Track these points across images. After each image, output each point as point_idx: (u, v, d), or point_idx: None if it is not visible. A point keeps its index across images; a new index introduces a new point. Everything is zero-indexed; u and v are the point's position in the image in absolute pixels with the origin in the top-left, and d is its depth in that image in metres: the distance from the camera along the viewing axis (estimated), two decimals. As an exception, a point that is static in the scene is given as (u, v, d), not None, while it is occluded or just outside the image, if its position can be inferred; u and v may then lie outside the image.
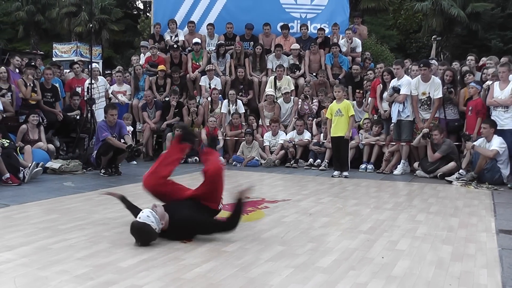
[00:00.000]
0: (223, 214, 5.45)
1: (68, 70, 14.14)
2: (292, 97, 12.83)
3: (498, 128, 9.51)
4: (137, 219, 4.77)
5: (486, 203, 7.44)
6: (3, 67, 10.73)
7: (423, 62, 10.70)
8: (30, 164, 8.78)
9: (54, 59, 25.21)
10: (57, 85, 12.06)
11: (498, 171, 9.15)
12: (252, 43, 14.47)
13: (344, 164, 10.10)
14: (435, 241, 5.09)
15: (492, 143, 9.26)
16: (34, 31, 38.11)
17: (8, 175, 8.30)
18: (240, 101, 12.92)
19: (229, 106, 12.67)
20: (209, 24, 14.70)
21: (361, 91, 12.40)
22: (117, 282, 3.71)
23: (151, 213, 4.77)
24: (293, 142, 11.76)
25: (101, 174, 9.67)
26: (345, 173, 9.99)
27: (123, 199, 5.62)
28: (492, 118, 9.70)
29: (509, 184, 9.03)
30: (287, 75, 13.45)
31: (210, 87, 13.28)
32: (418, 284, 3.83)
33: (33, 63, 12.07)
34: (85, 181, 8.95)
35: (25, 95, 10.94)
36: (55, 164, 9.82)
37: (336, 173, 10.08)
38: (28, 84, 10.97)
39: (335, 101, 10.35)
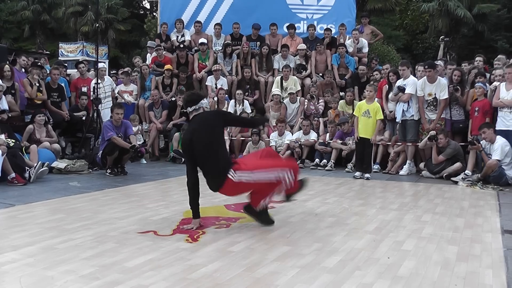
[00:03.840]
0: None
1: (75, 70, 14.17)
2: (298, 97, 12.83)
3: (503, 128, 9.50)
4: None
5: (491, 204, 7.42)
6: (7, 65, 10.71)
7: (428, 64, 10.66)
8: (35, 164, 8.80)
9: (60, 58, 25.27)
10: (62, 84, 12.08)
11: (503, 175, 9.11)
12: (258, 43, 14.49)
13: (367, 166, 10.02)
14: (440, 242, 5.08)
15: (495, 145, 9.22)
16: (40, 30, 38.22)
17: (13, 175, 8.31)
18: (247, 101, 12.93)
19: (235, 106, 12.68)
20: (217, 24, 14.71)
21: (368, 91, 12.37)
22: (123, 282, 3.71)
23: None
24: (299, 142, 11.75)
25: (107, 174, 9.68)
26: (367, 175, 9.88)
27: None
28: (498, 118, 9.70)
29: (515, 185, 9.01)
30: (294, 75, 13.46)
31: (216, 87, 13.30)
32: (423, 285, 3.82)
33: (39, 63, 12.10)
34: (91, 181, 8.96)
35: (31, 95, 10.95)
36: (61, 164, 9.84)
37: (357, 173, 9.99)
38: (33, 84, 10.98)
39: (365, 100, 10.25)
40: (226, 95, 13.16)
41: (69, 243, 4.73)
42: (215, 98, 12.97)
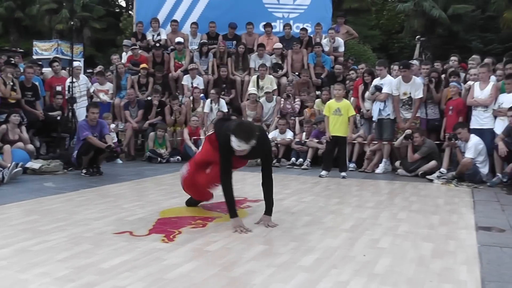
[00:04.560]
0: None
1: (49, 69, 14.00)
2: (275, 96, 12.85)
3: (477, 127, 9.65)
4: None
5: (466, 201, 7.51)
6: None
7: (403, 64, 10.71)
8: (9, 165, 8.66)
9: (34, 57, 24.98)
10: (37, 83, 11.92)
11: (478, 173, 9.24)
12: (235, 42, 14.51)
13: (343, 164, 10.01)
14: (416, 239, 5.13)
15: (469, 143, 9.33)
16: (14, 28, 37.68)
17: (-13, 175, 8.20)
18: (223, 100, 12.91)
19: (211, 104, 12.66)
20: (193, 23, 14.69)
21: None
22: (99, 284, 3.68)
23: None
24: (276, 141, 11.76)
25: (82, 174, 9.58)
26: (343, 173, 9.87)
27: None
28: (472, 117, 9.83)
29: (489, 182, 9.12)
30: (270, 74, 13.47)
31: (192, 86, 13.27)
32: (399, 281, 3.86)
33: (12, 61, 11.95)
34: (66, 182, 8.88)
35: (4, 94, 10.80)
36: (35, 164, 9.72)
37: (323, 173, 9.96)
38: (7, 83, 10.83)
39: (334, 99, 10.27)
40: (202, 94, 13.15)
41: (43, 245, 4.67)
42: (191, 97, 12.94)
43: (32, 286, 3.64)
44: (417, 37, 16.99)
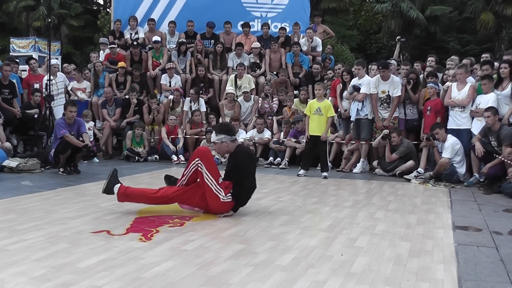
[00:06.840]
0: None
1: (27, 67, 13.84)
2: (253, 96, 12.85)
3: (455, 127, 9.77)
4: None
5: (443, 201, 7.58)
6: None
7: (381, 64, 10.78)
8: (-15, 163, 8.60)
9: (11, 54, 24.73)
10: (14, 81, 11.78)
11: (455, 173, 9.35)
12: (213, 41, 14.48)
13: (324, 164, 10.00)
14: (393, 238, 5.17)
15: (446, 143, 9.44)
16: (-10, 25, 37.31)
17: (-38, 174, 8.11)
18: (202, 100, 12.89)
19: (190, 103, 12.64)
20: (171, 22, 14.63)
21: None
22: (76, 283, 3.65)
23: None
24: (253, 141, 11.77)
25: (60, 172, 9.50)
26: (325, 173, 9.87)
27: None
28: (449, 118, 9.93)
29: (466, 182, 9.21)
30: (248, 73, 13.47)
31: (170, 85, 13.23)
32: (376, 280, 3.88)
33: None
34: (43, 180, 8.80)
35: (-19, 92, 10.70)
36: (12, 162, 9.62)
37: (301, 172, 9.99)
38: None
39: (315, 99, 10.26)
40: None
41: (20, 244, 4.63)
42: (170, 97, 12.89)
43: (8, 285, 3.60)
44: (397, 37, 17.06)
